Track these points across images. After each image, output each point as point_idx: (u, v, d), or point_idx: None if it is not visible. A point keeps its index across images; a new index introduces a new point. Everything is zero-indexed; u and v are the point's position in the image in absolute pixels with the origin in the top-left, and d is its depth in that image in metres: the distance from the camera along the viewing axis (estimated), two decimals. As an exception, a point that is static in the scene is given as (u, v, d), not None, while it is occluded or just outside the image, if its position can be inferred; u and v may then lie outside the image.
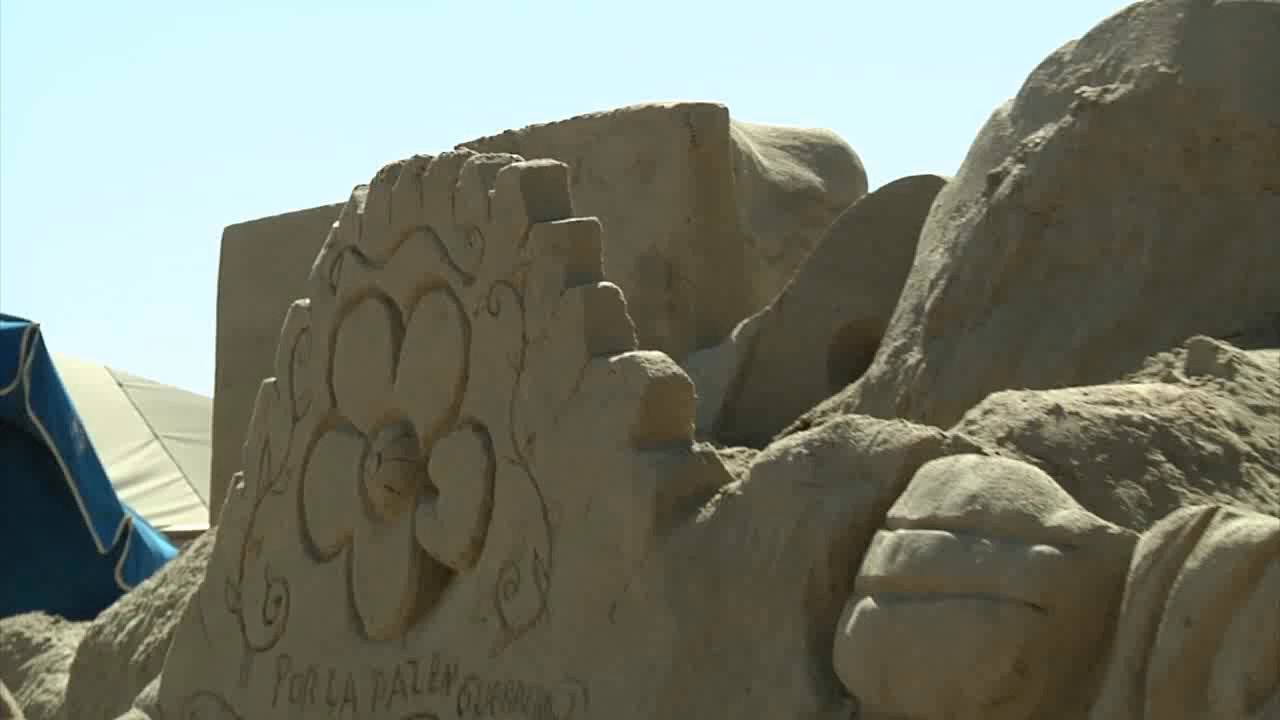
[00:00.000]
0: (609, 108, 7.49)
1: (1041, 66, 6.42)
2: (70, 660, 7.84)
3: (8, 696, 7.10)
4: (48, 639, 8.22)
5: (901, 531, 4.55)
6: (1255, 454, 4.92)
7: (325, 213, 5.90)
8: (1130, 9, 6.23)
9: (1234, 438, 4.93)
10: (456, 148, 5.68)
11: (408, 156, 5.74)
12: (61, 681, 7.80)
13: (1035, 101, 6.34)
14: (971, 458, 4.64)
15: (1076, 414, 4.87)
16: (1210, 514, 4.15)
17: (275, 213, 9.07)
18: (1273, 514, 4.16)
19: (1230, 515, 4.12)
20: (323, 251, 5.96)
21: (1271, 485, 4.85)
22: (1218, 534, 4.09)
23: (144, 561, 12.97)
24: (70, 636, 8.07)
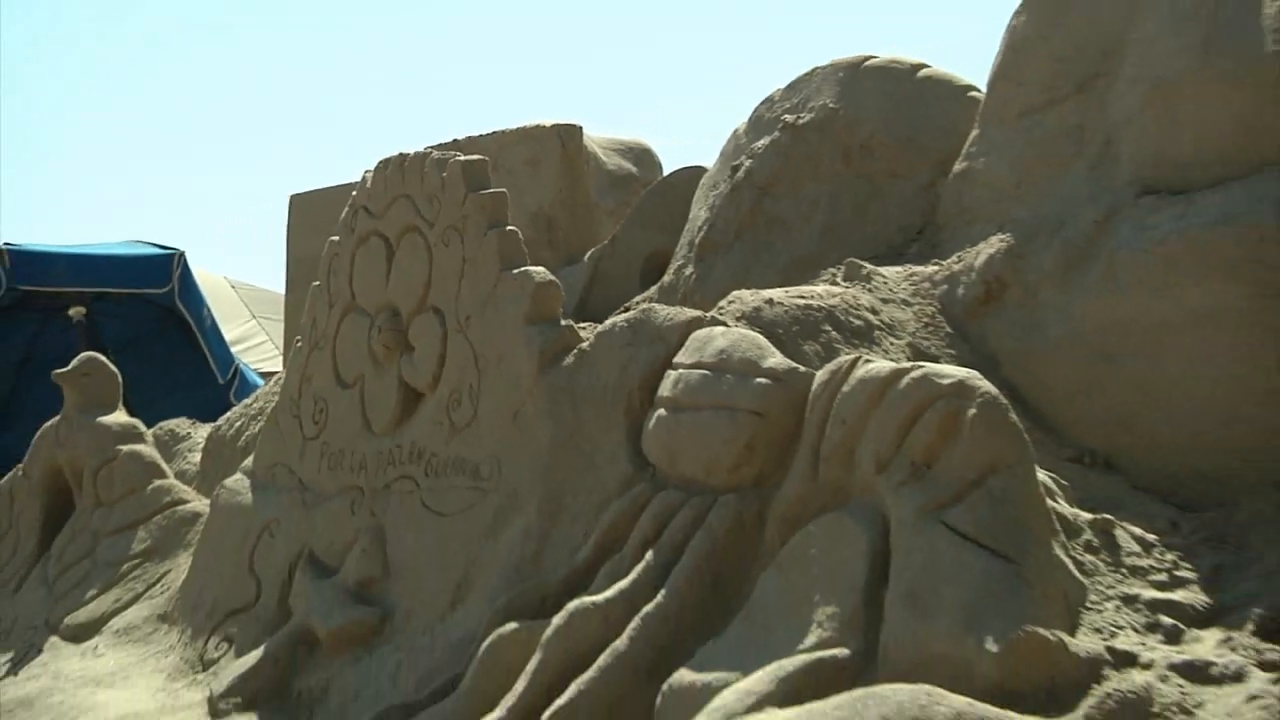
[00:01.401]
0: (514, 125, 7.46)
1: (762, 103, 6.43)
2: (202, 445, 7.75)
3: (163, 463, 7.03)
4: (189, 433, 8.14)
5: (681, 370, 4.55)
6: (882, 327, 4.93)
7: (350, 187, 5.88)
8: (813, 70, 6.24)
9: (870, 317, 4.94)
10: (426, 148, 5.65)
11: (395, 153, 5.71)
12: (196, 457, 7.72)
13: (758, 124, 6.34)
14: (721, 328, 4.64)
15: (781, 303, 4.87)
16: (856, 360, 4.16)
17: (321, 186, 8.97)
18: (891, 361, 4.17)
19: (867, 361, 4.13)
20: (346, 208, 5.93)
21: (891, 345, 4.86)
22: (860, 371, 4.11)
23: (245, 388, 12.90)
24: (203, 431, 7.99)
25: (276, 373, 8.73)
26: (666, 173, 7.35)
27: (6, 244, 13.24)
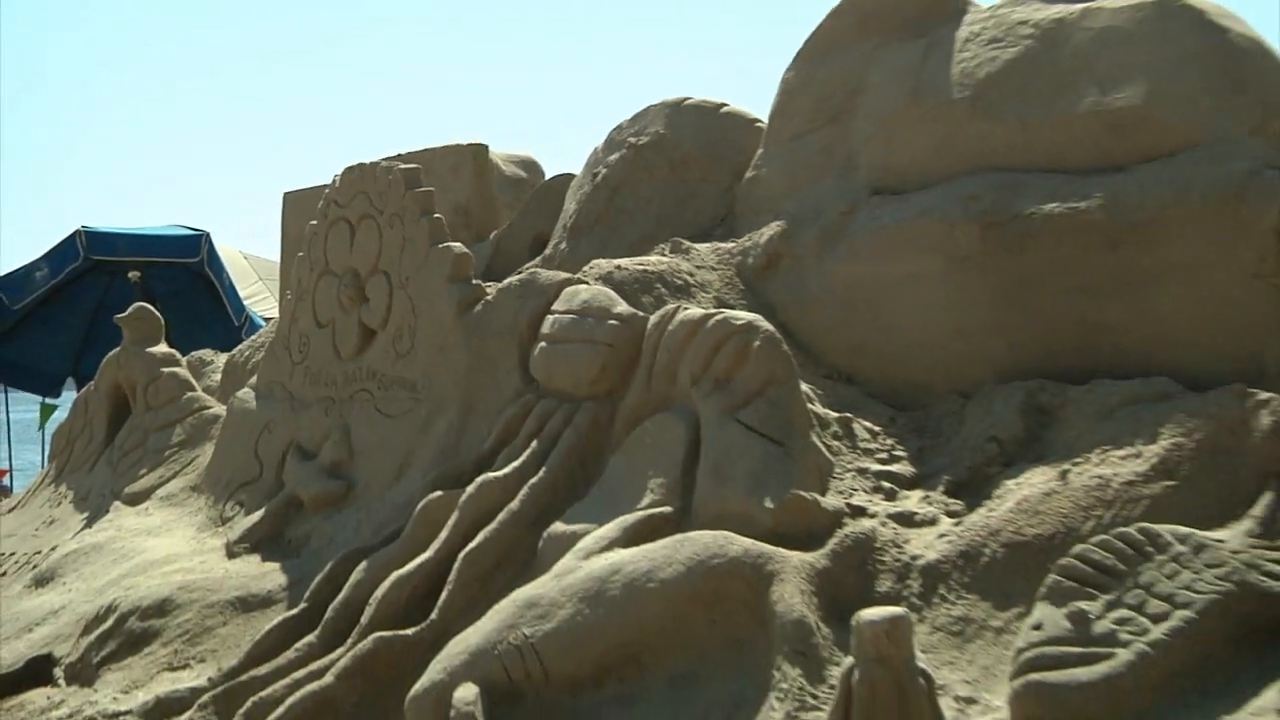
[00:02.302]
0: (441, 144, 7.27)
1: (613, 129, 6.29)
2: (221, 368, 7.54)
3: (194, 381, 6.90)
4: (212, 360, 7.87)
5: (556, 315, 4.48)
6: (696, 285, 4.88)
7: (325, 186, 5.69)
8: (648, 107, 6.12)
9: (688, 278, 4.89)
10: (380, 159, 5.49)
11: (357, 162, 5.56)
12: (217, 377, 7.48)
13: (610, 144, 6.21)
14: (584, 286, 4.58)
15: (626, 268, 4.80)
16: (677, 308, 4.12)
17: (305, 185, 8.56)
18: (702, 309, 4.12)
19: (685, 308, 4.10)
20: (322, 201, 5.74)
21: (702, 298, 4.82)
22: (680, 315, 4.08)
23: (252, 328, 12.43)
24: (222, 359, 7.73)
25: (273, 318, 8.47)
26: (548, 178, 7.20)
27: (84, 227, 13.02)
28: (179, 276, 13.77)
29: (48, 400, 14.60)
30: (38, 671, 4.81)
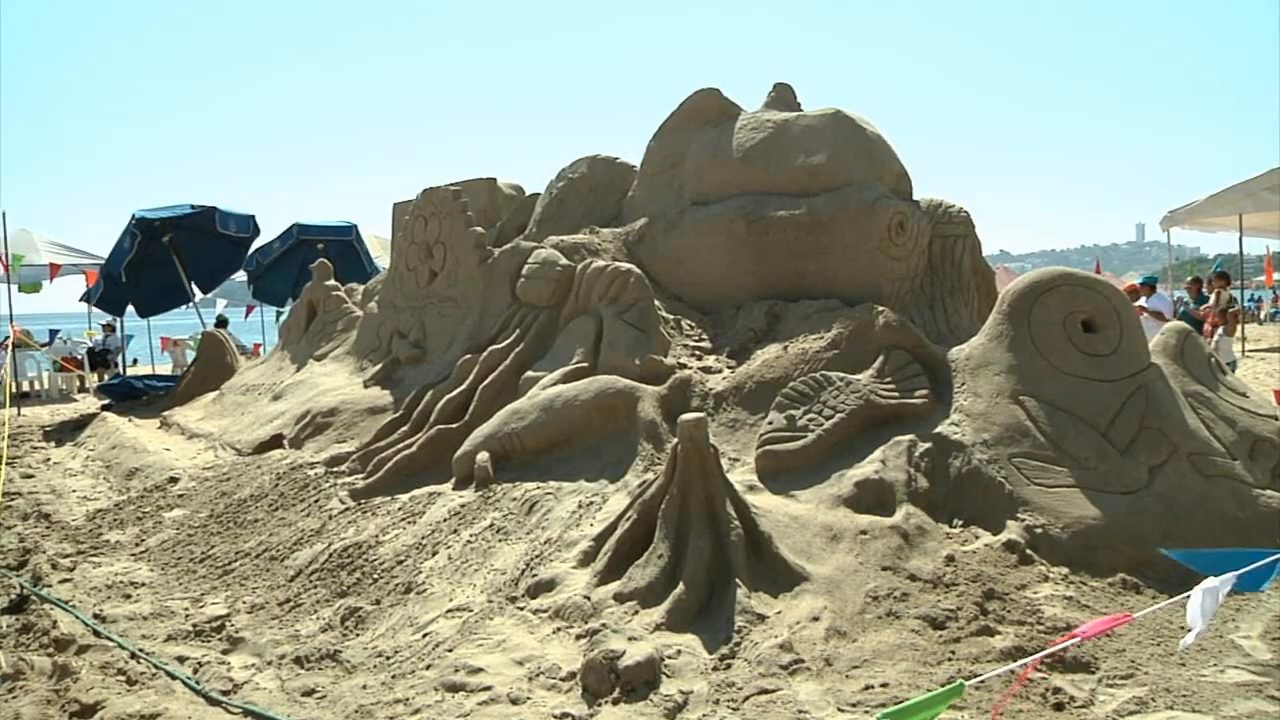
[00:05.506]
0: (472, 177, 6.51)
1: (561, 169, 5.62)
2: (361, 293, 6.79)
3: (347, 298, 6.33)
4: (356, 289, 6.97)
5: (529, 264, 4.06)
6: (603, 250, 4.44)
7: (412, 200, 5.02)
8: (579, 159, 5.47)
9: (598, 246, 4.42)
10: (444, 185, 4.90)
11: (428, 185, 4.98)
12: (358, 297, 6.74)
13: (559, 176, 5.56)
14: (544, 250, 4.15)
15: (566, 241, 4.35)
16: (591, 261, 3.76)
17: (404, 199, 7.57)
18: (605, 262, 3.73)
19: (596, 262, 3.72)
20: (411, 207, 5.13)
21: (605, 257, 4.40)
22: (594, 265, 3.70)
23: (376, 273, 11.38)
24: (360, 288, 6.90)
25: (387, 267, 7.76)
26: (527, 195, 6.50)
27: (297, 222, 12.20)
28: (342, 246, 12.78)
29: (279, 309, 13.89)
30: (275, 442, 4.67)
